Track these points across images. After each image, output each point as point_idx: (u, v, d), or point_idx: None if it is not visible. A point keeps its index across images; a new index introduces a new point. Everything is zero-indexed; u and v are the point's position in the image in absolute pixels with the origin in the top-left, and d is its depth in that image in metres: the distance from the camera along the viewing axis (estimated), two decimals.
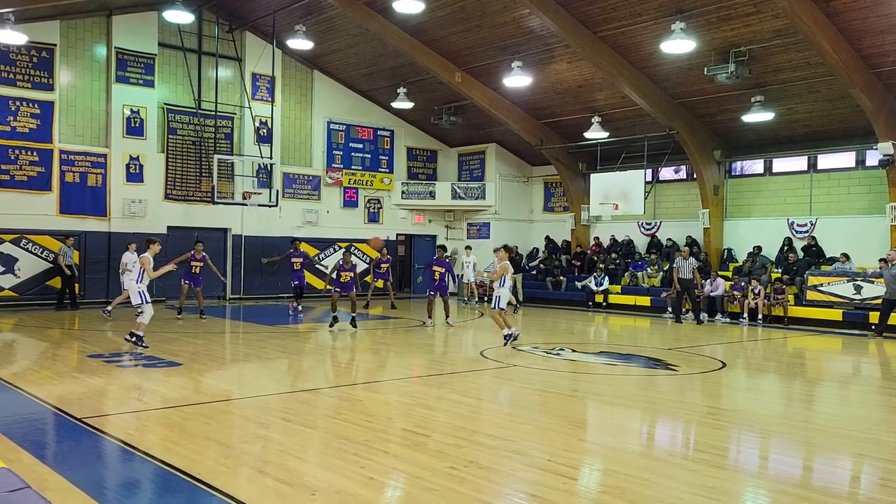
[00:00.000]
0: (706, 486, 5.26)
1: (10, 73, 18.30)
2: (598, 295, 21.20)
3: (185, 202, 20.84)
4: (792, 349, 14.22)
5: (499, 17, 17.68)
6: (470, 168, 26.18)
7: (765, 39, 15.58)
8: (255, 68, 21.79)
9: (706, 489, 5.20)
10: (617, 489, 5.17)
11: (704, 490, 5.17)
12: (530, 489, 5.24)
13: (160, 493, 5.17)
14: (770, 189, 20.15)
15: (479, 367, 10.77)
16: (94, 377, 9.24)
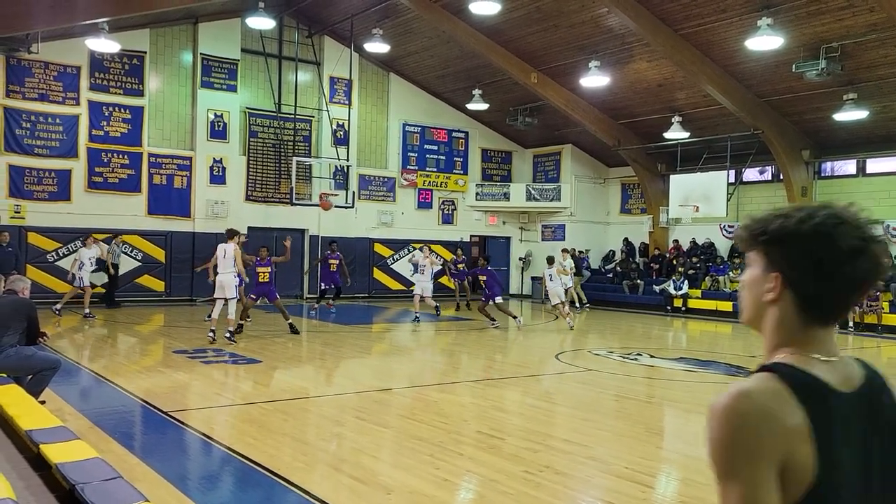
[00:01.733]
0: None
1: (104, 80, 19.20)
2: (676, 299, 20.68)
3: (264, 203, 21.39)
4: (886, 359, 13.52)
5: (576, 16, 17.46)
6: (545, 169, 25.95)
7: (858, 34, 14.87)
8: (332, 72, 22.19)
9: None
10: (697, 500, 5.01)
11: None
12: (606, 496, 5.14)
13: (241, 486, 5.31)
14: (863, 191, 19.19)
15: (553, 371, 10.65)
16: (179, 372, 9.58)
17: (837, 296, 1.38)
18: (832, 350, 1.39)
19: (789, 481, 1.27)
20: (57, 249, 18.37)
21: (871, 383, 1.41)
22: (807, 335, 1.40)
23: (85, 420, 6.76)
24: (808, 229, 1.37)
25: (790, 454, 1.27)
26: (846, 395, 1.35)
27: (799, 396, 1.30)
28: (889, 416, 1.40)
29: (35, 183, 18.26)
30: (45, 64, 18.32)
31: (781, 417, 1.28)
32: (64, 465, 4.13)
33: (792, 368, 1.35)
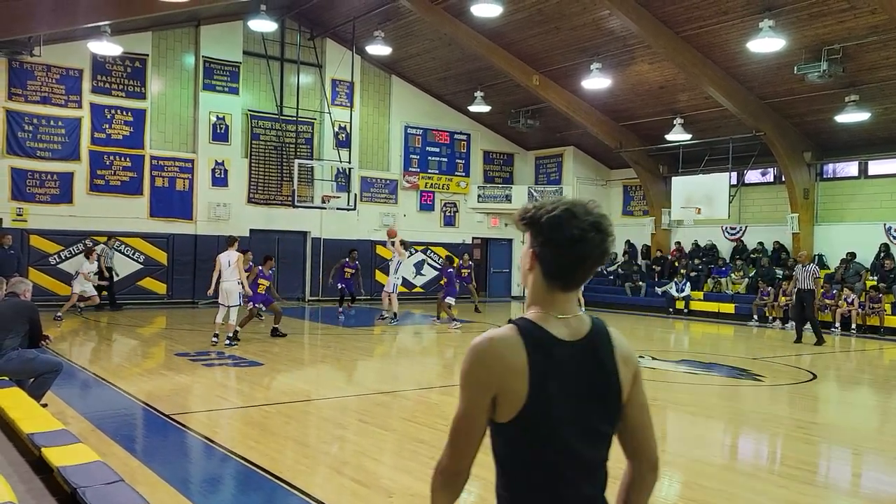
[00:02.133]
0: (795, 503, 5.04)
1: (106, 83, 19.23)
2: (679, 301, 20.66)
3: (266, 206, 21.41)
4: (889, 361, 13.49)
5: (577, 18, 17.46)
6: (547, 171, 25.96)
7: (860, 36, 14.85)
8: (334, 74, 22.22)
9: None
10: (699, 503, 5.00)
11: None
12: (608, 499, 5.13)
13: (242, 489, 5.31)
14: (865, 192, 19.19)
15: None
16: (181, 375, 9.58)
17: (569, 270, 1.81)
18: (568, 310, 1.83)
19: (504, 404, 1.74)
20: (59, 252, 18.39)
21: (596, 334, 1.85)
22: (550, 298, 1.83)
23: (87, 423, 6.77)
24: (547, 219, 1.79)
25: (505, 386, 1.73)
26: (569, 343, 1.79)
27: (526, 345, 1.74)
28: (602, 356, 1.83)
29: (37, 186, 18.29)
30: (48, 67, 18.34)
31: (506, 359, 1.73)
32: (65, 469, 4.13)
33: (529, 323, 1.79)
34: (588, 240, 1.77)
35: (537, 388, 1.72)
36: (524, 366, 1.73)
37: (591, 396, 1.80)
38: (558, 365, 1.75)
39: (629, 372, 1.88)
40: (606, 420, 1.85)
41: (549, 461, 1.77)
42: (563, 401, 1.75)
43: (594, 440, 1.82)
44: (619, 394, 1.85)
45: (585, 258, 1.79)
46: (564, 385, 1.76)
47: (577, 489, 1.80)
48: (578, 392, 1.78)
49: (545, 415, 1.74)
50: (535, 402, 1.72)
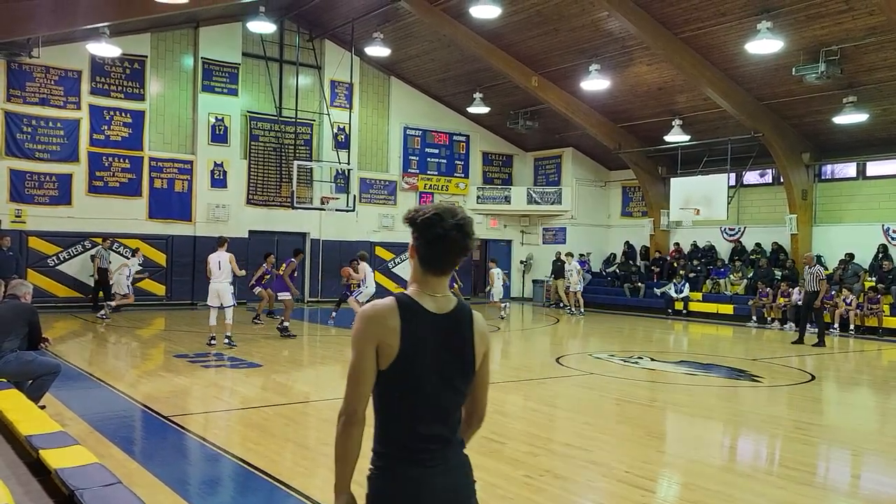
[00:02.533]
0: None
1: (105, 85, 19.22)
2: (677, 302, 20.67)
3: (265, 207, 21.41)
4: (887, 362, 13.50)
5: (576, 20, 17.48)
6: (546, 173, 25.96)
7: (858, 38, 14.87)
8: (333, 75, 22.22)
9: None
10: None
11: None
12: (607, 500, 5.13)
13: (241, 491, 5.30)
14: (863, 193, 19.20)
15: (554, 375, 10.64)
16: (179, 376, 9.58)
17: (436, 259, 2.33)
18: (438, 289, 2.34)
19: (382, 355, 2.23)
20: (58, 254, 18.38)
21: (459, 312, 2.36)
22: (424, 279, 2.34)
23: (85, 425, 6.76)
24: (421, 220, 2.33)
25: (384, 341, 2.22)
26: (436, 315, 2.30)
27: (401, 312, 2.25)
28: (462, 329, 2.34)
29: (36, 187, 18.28)
30: (46, 68, 18.34)
31: (385, 320, 2.23)
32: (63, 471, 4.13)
33: (406, 296, 2.32)
34: (450, 238, 2.30)
35: (406, 345, 2.23)
36: (398, 327, 2.23)
37: (450, 358, 2.31)
38: (424, 330, 2.27)
39: (483, 347, 2.42)
40: (461, 379, 2.36)
41: (411, 403, 2.27)
42: (425, 357, 2.26)
43: (450, 392, 2.32)
44: (472, 361, 2.39)
45: (448, 251, 2.31)
46: (428, 345, 2.27)
47: (430, 428, 2.28)
48: (440, 353, 2.29)
49: (410, 366, 2.24)
50: (403, 355, 2.23)
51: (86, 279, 18.52)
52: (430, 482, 2.25)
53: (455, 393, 2.34)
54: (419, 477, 2.25)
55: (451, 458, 2.32)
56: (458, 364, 2.32)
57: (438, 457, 2.28)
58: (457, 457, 2.34)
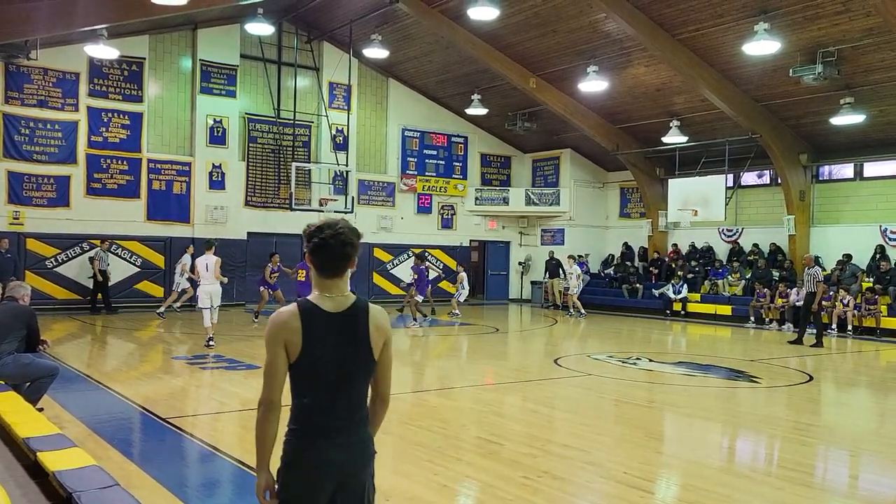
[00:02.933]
0: None
1: (103, 87, 19.22)
2: (676, 303, 20.69)
3: (264, 209, 21.40)
4: (885, 362, 13.51)
5: (574, 21, 17.50)
6: (544, 174, 25.98)
7: (855, 39, 14.90)
8: (332, 77, 22.23)
9: None
10: None
11: None
12: (605, 502, 5.14)
13: (239, 492, 5.30)
14: (861, 194, 19.23)
15: (553, 376, 10.65)
16: (177, 378, 9.57)
17: (323, 265, 2.74)
18: (333, 290, 2.74)
19: (290, 351, 2.65)
20: (56, 255, 18.35)
21: (357, 308, 2.75)
22: (320, 283, 2.75)
23: (83, 427, 6.76)
24: (308, 233, 2.75)
25: (290, 340, 2.64)
26: (332, 314, 2.71)
27: (301, 315, 2.66)
28: (359, 324, 2.73)
29: (34, 189, 18.27)
30: (44, 70, 18.34)
31: (289, 323, 2.65)
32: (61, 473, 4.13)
33: (306, 301, 2.73)
34: (329, 245, 2.71)
35: (307, 342, 2.65)
36: (300, 328, 2.66)
37: (349, 349, 2.71)
38: (322, 328, 2.68)
39: (381, 338, 2.79)
40: (361, 367, 2.76)
41: (317, 389, 2.70)
42: (325, 351, 2.68)
43: (351, 379, 2.74)
44: (370, 351, 2.76)
45: (330, 257, 2.73)
46: (327, 341, 2.68)
47: (334, 409, 2.71)
48: (338, 347, 2.70)
49: (312, 360, 2.67)
50: (306, 351, 2.66)
51: (84, 281, 18.52)
52: (331, 452, 2.68)
53: (355, 379, 2.76)
54: (322, 447, 2.68)
55: (352, 434, 2.74)
56: (356, 354, 2.73)
57: (341, 433, 2.71)
58: (357, 433, 2.76)
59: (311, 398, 2.70)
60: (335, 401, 2.71)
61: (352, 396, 2.75)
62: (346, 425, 2.72)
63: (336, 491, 2.70)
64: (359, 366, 2.74)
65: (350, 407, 2.74)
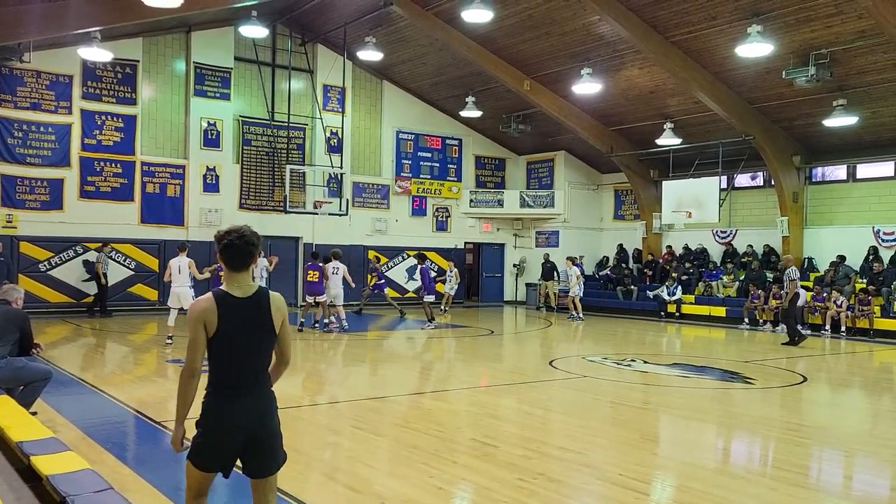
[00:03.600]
0: None
1: (97, 89, 19.18)
2: (670, 305, 20.73)
3: (258, 211, 21.36)
4: (878, 363, 13.56)
5: (568, 24, 17.54)
6: (539, 176, 26.01)
7: (847, 41, 14.97)
8: (326, 80, 22.22)
9: None
10: None
11: None
12: (601, 503, 5.14)
13: (234, 496, 5.28)
14: (854, 196, 19.32)
15: (548, 378, 10.66)
16: (172, 382, 9.54)
17: (230, 260, 3.40)
18: (241, 282, 3.41)
19: (208, 329, 3.30)
20: (49, 259, 18.29)
21: (260, 295, 3.43)
22: (229, 276, 3.41)
23: (77, 431, 6.73)
24: (217, 236, 3.41)
25: (208, 320, 3.29)
26: (241, 299, 3.38)
27: (216, 300, 3.32)
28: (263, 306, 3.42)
29: (27, 192, 18.20)
30: (38, 73, 18.29)
31: (207, 308, 3.30)
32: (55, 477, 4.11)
33: (220, 290, 3.39)
34: (234, 245, 3.39)
35: (222, 322, 3.34)
36: (215, 310, 3.34)
37: (255, 326, 3.42)
38: (234, 310, 3.37)
39: (280, 317, 3.50)
40: (265, 339, 3.47)
41: (229, 358, 3.40)
42: (236, 329, 3.36)
43: (256, 349, 3.45)
44: (272, 326, 3.47)
45: (235, 255, 3.42)
46: (237, 320, 3.37)
47: (242, 372, 3.43)
48: (246, 325, 3.39)
49: (225, 336, 3.36)
50: (221, 329, 3.34)
51: (78, 284, 18.47)
52: (240, 404, 3.39)
53: (260, 350, 3.47)
54: (233, 400, 3.39)
55: (258, 391, 3.45)
56: (260, 329, 3.44)
57: (249, 390, 3.42)
58: (262, 390, 3.48)
59: (224, 365, 3.40)
60: (243, 366, 3.41)
61: (256, 363, 3.46)
62: (252, 385, 3.43)
63: (247, 438, 3.39)
64: (262, 338, 3.46)
65: (255, 371, 3.46)
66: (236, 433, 3.37)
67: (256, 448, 3.41)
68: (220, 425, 3.37)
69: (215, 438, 3.38)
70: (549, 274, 22.88)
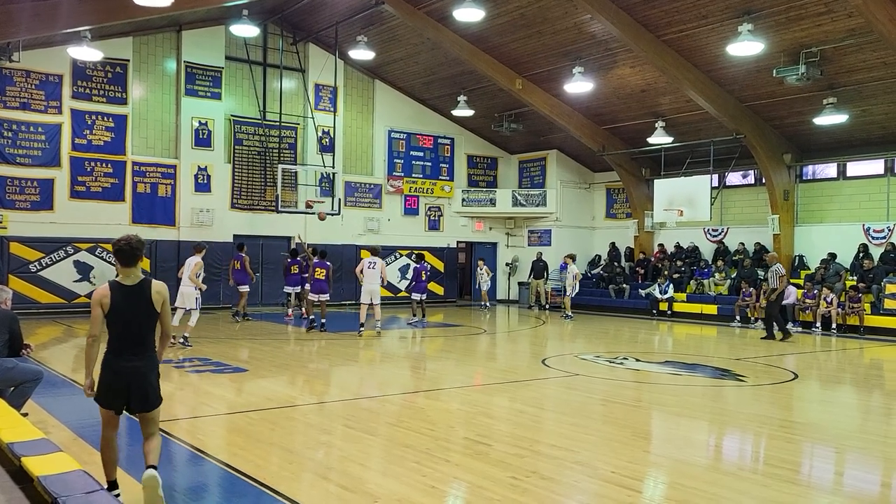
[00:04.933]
0: (778, 503, 5.08)
1: (87, 89, 19.09)
2: (662, 303, 20.78)
3: (250, 211, 21.33)
4: (869, 360, 13.64)
5: (559, 23, 17.56)
6: (531, 175, 26.04)
7: (837, 39, 15.05)
8: (317, 79, 22.19)
9: None
10: (684, 503, 5.04)
11: None
12: (593, 501, 5.15)
13: (227, 496, 5.28)
14: (844, 193, 19.42)
15: (540, 377, 10.67)
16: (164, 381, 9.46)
17: (120, 259, 4.72)
18: (129, 274, 4.69)
19: (104, 308, 4.61)
20: (40, 259, 18.21)
21: (143, 283, 4.68)
22: (122, 270, 4.72)
23: (68, 432, 6.71)
24: (114, 242, 4.74)
25: (103, 302, 4.61)
26: (129, 286, 4.65)
27: (111, 287, 4.65)
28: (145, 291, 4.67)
29: (17, 192, 18.11)
30: (27, 72, 18.20)
31: (104, 294, 4.63)
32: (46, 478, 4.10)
33: (114, 280, 4.72)
34: (123, 249, 4.64)
35: (113, 302, 4.55)
36: (109, 294, 4.56)
37: (138, 307, 4.61)
38: (122, 294, 4.58)
39: (159, 299, 4.67)
40: (147, 317, 4.66)
41: (119, 329, 4.62)
42: (123, 308, 4.57)
43: (139, 324, 4.64)
44: (153, 307, 4.66)
45: (125, 256, 4.64)
46: (124, 302, 4.58)
47: (128, 341, 4.65)
48: (131, 305, 4.59)
49: (115, 312, 4.57)
50: (112, 308, 4.55)
51: (69, 285, 18.39)
52: (125, 361, 4.66)
53: (142, 323, 4.67)
54: (120, 359, 4.67)
55: (141, 353, 4.69)
56: (142, 308, 4.65)
57: (133, 352, 4.67)
58: (145, 353, 4.71)
59: (115, 334, 4.67)
60: (129, 335, 4.66)
61: (139, 333, 4.68)
62: (136, 348, 4.68)
63: (129, 386, 4.68)
64: (144, 315, 4.67)
65: (138, 339, 4.69)
66: (121, 382, 4.66)
67: (135, 393, 4.70)
68: (111, 375, 4.66)
69: (107, 384, 4.69)
70: (541, 273, 22.91)
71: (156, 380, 4.76)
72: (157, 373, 4.78)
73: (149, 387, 4.70)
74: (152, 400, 4.75)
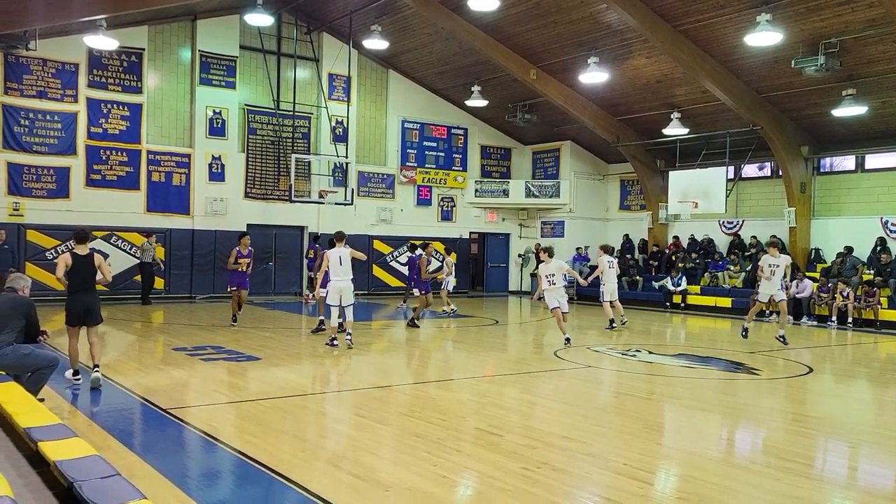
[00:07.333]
0: (791, 497, 5.05)
1: (102, 78, 19.18)
2: (675, 295, 20.69)
3: (263, 200, 21.39)
4: (885, 354, 13.53)
5: (575, 12, 17.44)
6: (544, 166, 25.94)
7: (857, 30, 14.86)
8: (331, 68, 22.17)
9: (791, 499, 4.99)
10: (696, 496, 5.02)
11: (789, 500, 4.97)
12: (605, 493, 5.15)
13: (240, 483, 5.32)
14: (862, 186, 19.21)
15: (552, 368, 10.66)
16: (178, 369, 9.58)
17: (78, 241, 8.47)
18: (82, 248, 8.34)
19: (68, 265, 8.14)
20: (56, 247, 18.33)
21: (90, 253, 8.36)
22: (77, 246, 8.36)
23: (84, 417, 6.78)
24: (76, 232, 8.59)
25: (68, 262, 8.14)
26: (80, 255, 8.24)
27: (71, 255, 8.24)
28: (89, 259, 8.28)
29: (34, 180, 18.25)
30: (44, 61, 18.30)
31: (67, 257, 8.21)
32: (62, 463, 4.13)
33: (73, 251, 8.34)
34: (79, 235, 8.45)
35: (72, 263, 8.12)
36: (70, 258, 8.14)
37: (86, 267, 8.22)
38: (78, 259, 8.18)
39: (97, 261, 8.31)
40: (91, 272, 8.26)
41: (76, 279, 8.15)
42: (78, 266, 8.15)
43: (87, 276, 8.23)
44: (95, 267, 8.29)
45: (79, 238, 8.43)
46: (78, 263, 8.17)
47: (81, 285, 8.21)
48: (82, 265, 8.19)
49: (73, 269, 8.12)
50: (72, 266, 8.12)
51: None
52: (81, 297, 8.13)
53: (89, 275, 8.18)
54: (78, 294, 8.13)
55: (89, 292, 8.24)
56: (89, 267, 8.17)
57: (85, 291, 8.18)
58: (91, 291, 8.27)
59: (73, 281, 8.02)
60: (81, 282, 8.07)
61: (89, 281, 8.14)
62: (86, 290, 8.15)
63: (83, 310, 8.10)
64: (89, 270, 8.12)
65: (89, 283, 8.16)
66: (79, 307, 8.09)
67: (87, 315, 8.16)
68: (73, 304, 8.10)
69: (71, 310, 8.13)
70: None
71: (98, 308, 8.29)
72: (99, 303, 8.33)
73: (96, 312, 8.22)
74: (97, 318, 8.28)
